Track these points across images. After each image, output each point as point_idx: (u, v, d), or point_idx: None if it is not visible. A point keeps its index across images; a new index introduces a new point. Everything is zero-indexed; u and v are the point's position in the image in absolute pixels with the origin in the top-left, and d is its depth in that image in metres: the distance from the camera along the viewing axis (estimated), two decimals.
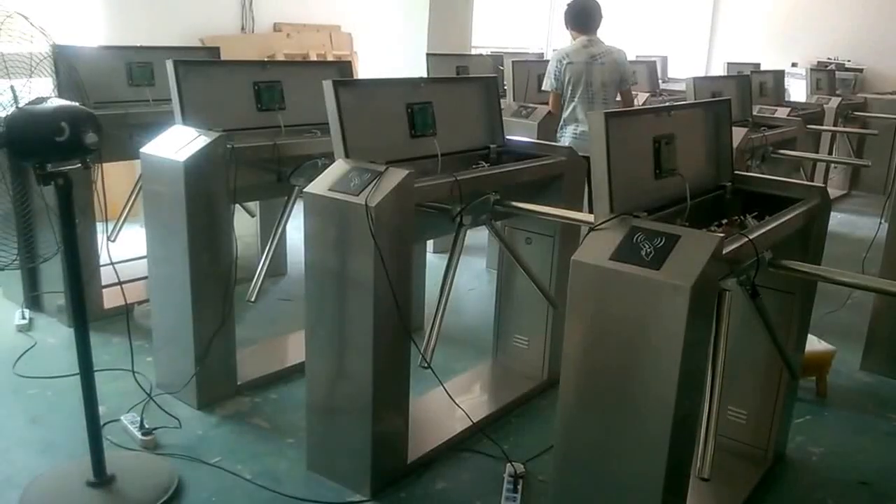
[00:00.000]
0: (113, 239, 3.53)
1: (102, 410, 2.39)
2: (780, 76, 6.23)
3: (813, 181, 4.85)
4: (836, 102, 6.77)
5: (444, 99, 2.78)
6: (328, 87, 2.38)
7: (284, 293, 4.19)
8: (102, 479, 2.38)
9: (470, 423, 2.76)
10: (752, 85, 5.11)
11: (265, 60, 4.68)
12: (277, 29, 6.81)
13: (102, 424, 2.40)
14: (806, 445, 2.90)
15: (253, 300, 2.89)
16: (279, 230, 3.04)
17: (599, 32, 4.40)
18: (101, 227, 3.40)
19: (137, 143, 2.93)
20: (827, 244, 2.54)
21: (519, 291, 3.19)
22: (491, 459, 2.66)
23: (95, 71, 3.58)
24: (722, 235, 1.85)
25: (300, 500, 2.41)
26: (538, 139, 4.27)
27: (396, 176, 2.23)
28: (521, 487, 2.47)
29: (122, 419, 2.77)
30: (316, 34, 6.99)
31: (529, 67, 5.32)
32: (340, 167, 2.35)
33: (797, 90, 7.27)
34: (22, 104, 2.09)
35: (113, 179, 3.31)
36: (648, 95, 6.33)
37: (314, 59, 6.65)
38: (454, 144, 2.80)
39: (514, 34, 9.35)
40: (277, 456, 2.65)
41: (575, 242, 3.08)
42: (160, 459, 2.59)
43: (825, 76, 7.56)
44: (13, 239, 2.32)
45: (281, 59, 6.27)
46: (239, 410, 2.95)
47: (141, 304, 3.52)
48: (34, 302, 3.77)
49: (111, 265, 2.50)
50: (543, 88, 4.49)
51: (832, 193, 3.47)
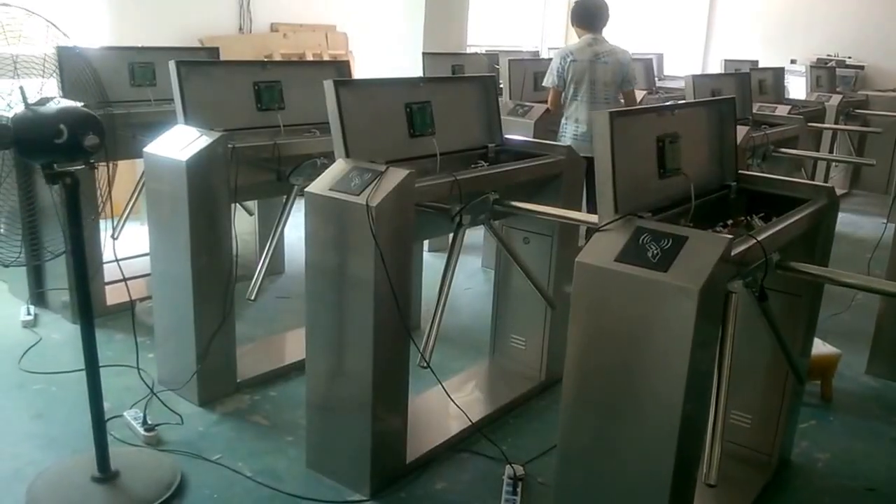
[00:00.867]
0: (116, 236, 3.55)
1: (106, 406, 2.41)
2: (779, 73, 6.18)
3: (814, 180, 4.84)
4: (837, 100, 6.70)
5: (442, 98, 2.79)
6: (329, 86, 2.39)
7: (282, 291, 4.20)
8: (107, 474, 2.40)
9: (468, 423, 2.77)
10: (751, 82, 5.09)
11: (265, 60, 4.69)
12: (274, 29, 6.83)
13: (106, 420, 2.41)
14: (811, 451, 2.86)
15: (253, 298, 2.91)
16: (279, 229, 3.05)
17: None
18: (103, 224, 3.44)
19: (140, 142, 2.95)
20: None
21: (516, 291, 3.18)
22: (490, 461, 2.66)
23: (98, 71, 3.59)
24: (730, 237, 1.81)
25: (300, 498, 2.43)
26: (535, 138, 4.24)
27: (397, 176, 2.24)
28: (520, 490, 2.47)
29: (125, 415, 2.80)
30: (312, 34, 7.00)
31: (526, 66, 5.30)
32: (341, 167, 2.36)
33: (796, 88, 7.20)
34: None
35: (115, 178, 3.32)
36: (645, 93, 6.30)
37: (310, 58, 6.66)
38: (453, 144, 2.80)
39: (507, 32, 9.32)
40: (277, 454, 2.66)
41: (573, 242, 3.08)
42: (163, 456, 2.61)
43: (825, 73, 7.51)
44: (19, 236, 2.33)
45: (278, 58, 6.28)
46: (239, 408, 2.97)
47: (143, 300, 3.53)
48: (39, 298, 3.80)
49: (116, 262, 2.51)
50: (544, 84, 4.47)
51: None
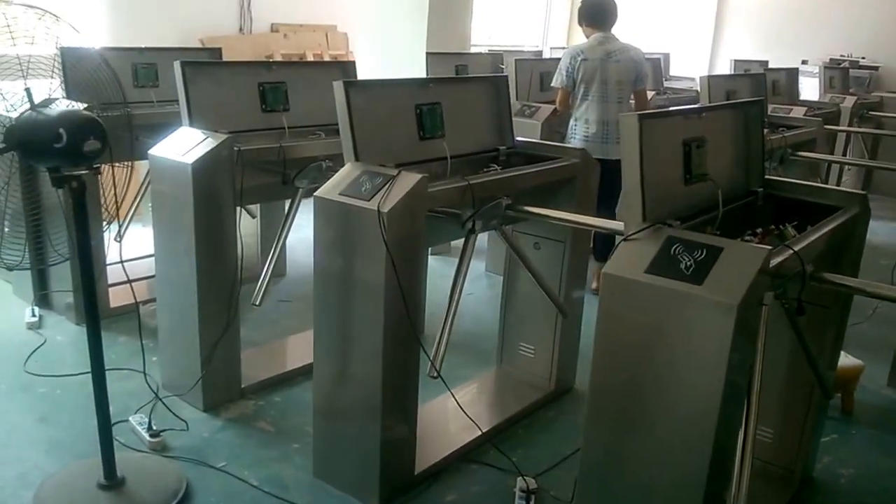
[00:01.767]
0: (119, 239, 3.51)
1: (111, 410, 2.36)
2: (793, 74, 6.07)
3: (827, 184, 4.75)
4: (851, 101, 6.55)
5: (452, 99, 2.72)
6: (339, 88, 2.32)
7: (285, 294, 4.15)
8: (113, 481, 2.36)
9: (477, 433, 2.70)
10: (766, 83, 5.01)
11: (271, 61, 4.64)
12: (275, 29, 6.79)
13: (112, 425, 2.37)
14: (834, 466, 2.77)
15: (258, 303, 2.86)
16: (284, 233, 2.99)
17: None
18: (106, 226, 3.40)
19: (143, 143, 2.90)
20: None
21: (525, 298, 3.10)
22: (500, 472, 2.60)
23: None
24: (768, 248, 1.71)
25: None
26: (542, 139, 4.19)
27: (409, 180, 2.17)
28: (533, 503, 2.41)
29: (130, 420, 2.75)
30: (312, 34, 6.96)
31: (532, 66, 5.20)
32: (351, 170, 2.30)
33: (809, 89, 7.09)
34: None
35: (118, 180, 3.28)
36: (654, 94, 6.20)
37: (311, 59, 6.62)
38: (463, 146, 2.73)
39: (508, 31, 9.24)
40: (283, 462, 2.61)
41: (586, 248, 3.01)
42: (169, 462, 2.57)
43: (838, 74, 7.38)
44: (23, 238, 2.30)
45: (279, 59, 6.24)
46: (244, 413, 2.92)
47: (146, 304, 3.49)
48: (43, 300, 3.78)
49: (121, 264, 2.47)
50: (553, 84, 4.37)
51: None
